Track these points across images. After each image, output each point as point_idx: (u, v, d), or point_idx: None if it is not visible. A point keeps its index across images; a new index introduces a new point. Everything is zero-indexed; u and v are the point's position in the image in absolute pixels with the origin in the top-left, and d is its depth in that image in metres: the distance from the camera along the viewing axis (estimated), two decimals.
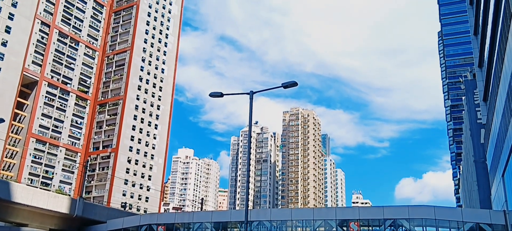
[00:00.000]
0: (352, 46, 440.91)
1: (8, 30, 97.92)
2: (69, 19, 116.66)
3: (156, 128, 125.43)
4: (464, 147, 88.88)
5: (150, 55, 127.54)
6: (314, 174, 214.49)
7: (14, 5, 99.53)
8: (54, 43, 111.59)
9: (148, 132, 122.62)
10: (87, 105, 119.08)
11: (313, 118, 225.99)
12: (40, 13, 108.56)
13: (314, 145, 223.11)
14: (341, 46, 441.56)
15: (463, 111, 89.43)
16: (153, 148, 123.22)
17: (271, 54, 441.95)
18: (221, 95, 23.56)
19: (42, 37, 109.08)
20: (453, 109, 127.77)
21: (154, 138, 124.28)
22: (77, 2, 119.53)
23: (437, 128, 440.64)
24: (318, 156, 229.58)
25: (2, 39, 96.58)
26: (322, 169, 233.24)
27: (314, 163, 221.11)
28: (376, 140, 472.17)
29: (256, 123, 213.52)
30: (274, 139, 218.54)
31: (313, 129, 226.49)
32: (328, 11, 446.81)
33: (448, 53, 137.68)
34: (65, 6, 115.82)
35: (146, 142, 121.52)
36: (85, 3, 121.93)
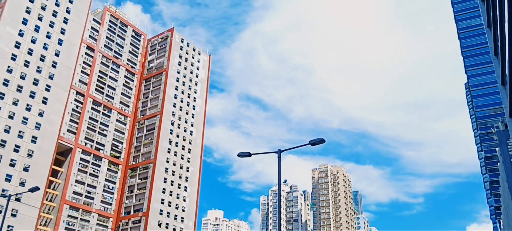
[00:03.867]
0: (378, 101, 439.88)
1: (45, 101, 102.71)
2: (103, 88, 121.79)
3: (185, 190, 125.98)
4: (502, 200, 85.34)
5: (179, 119, 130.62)
6: None
7: (51, 77, 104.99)
8: (88, 111, 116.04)
9: (177, 194, 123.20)
10: (119, 170, 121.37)
11: (343, 174, 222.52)
12: (75, 84, 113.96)
13: (345, 203, 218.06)
14: (366, 101, 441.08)
15: (498, 163, 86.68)
16: (183, 210, 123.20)
17: (296, 112, 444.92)
18: (249, 155, 23.71)
19: (77, 106, 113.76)
20: (487, 161, 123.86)
21: (184, 200, 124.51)
22: (110, 72, 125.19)
23: (472, 181, 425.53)
24: (351, 214, 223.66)
25: (39, 109, 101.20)
26: (355, 228, 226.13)
27: (346, 221, 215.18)
28: (409, 196, 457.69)
29: (285, 181, 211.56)
30: (304, 197, 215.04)
31: (344, 186, 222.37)
32: (350, 67, 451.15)
33: (477, 105, 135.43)
34: (99, 76, 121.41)
35: (176, 204, 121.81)
36: (118, 72, 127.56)
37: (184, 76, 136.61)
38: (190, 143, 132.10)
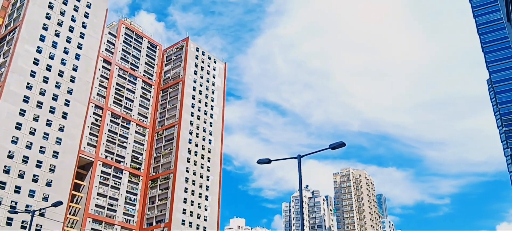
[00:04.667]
0: (398, 101, 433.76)
1: (64, 115, 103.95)
2: (121, 100, 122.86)
3: (206, 199, 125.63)
4: None
5: (197, 128, 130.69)
6: None
7: (69, 92, 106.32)
8: (107, 124, 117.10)
9: (199, 203, 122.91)
10: (139, 181, 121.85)
11: (366, 177, 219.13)
12: (94, 98, 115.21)
13: (369, 206, 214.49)
14: (386, 102, 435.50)
15: None
16: (205, 219, 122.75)
17: (315, 116, 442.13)
18: (268, 161, 23.52)
19: (96, 120, 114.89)
20: None
21: (205, 210, 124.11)
22: (127, 84, 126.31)
23: (499, 179, 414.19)
24: (375, 218, 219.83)
25: (59, 124, 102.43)
26: None
27: (371, 226, 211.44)
28: (435, 197, 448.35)
29: (307, 187, 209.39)
30: (327, 203, 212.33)
31: (367, 189, 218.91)
32: (368, 69, 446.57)
33: (501, 101, 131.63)
34: (116, 89, 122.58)
35: (198, 214, 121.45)
36: (135, 84, 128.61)
37: (201, 85, 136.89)
38: (209, 152, 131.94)
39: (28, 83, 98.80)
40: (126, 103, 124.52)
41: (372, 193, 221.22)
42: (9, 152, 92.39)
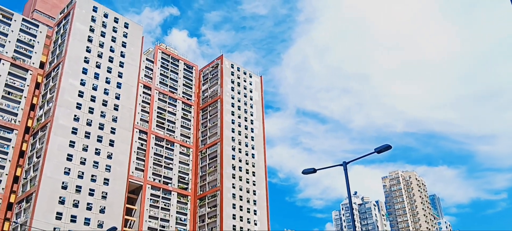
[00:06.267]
0: (441, 98, 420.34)
1: (111, 143, 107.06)
2: (163, 123, 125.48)
3: (255, 214, 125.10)
4: None
5: (239, 143, 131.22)
6: None
7: (114, 120, 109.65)
8: (152, 147, 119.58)
9: (248, 219, 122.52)
10: (188, 201, 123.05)
11: (416, 179, 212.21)
12: (137, 123, 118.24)
13: (423, 208, 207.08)
14: (430, 99, 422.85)
15: None
16: None
17: (356, 121, 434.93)
18: (314, 171, 23.55)
19: (141, 144, 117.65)
20: None
21: (255, 224, 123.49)
22: (168, 107, 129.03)
23: None
24: (430, 219, 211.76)
25: (108, 152, 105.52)
26: None
27: (427, 228, 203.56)
28: (491, 193, 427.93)
29: (355, 193, 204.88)
30: (378, 208, 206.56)
31: (419, 191, 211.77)
32: (406, 67, 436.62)
33: None
34: (158, 112, 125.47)
35: (248, 229, 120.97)
36: (175, 106, 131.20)
37: (239, 101, 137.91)
38: (253, 166, 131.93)
39: (75, 115, 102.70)
40: (169, 125, 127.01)
41: (424, 194, 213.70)
42: (63, 183, 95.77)
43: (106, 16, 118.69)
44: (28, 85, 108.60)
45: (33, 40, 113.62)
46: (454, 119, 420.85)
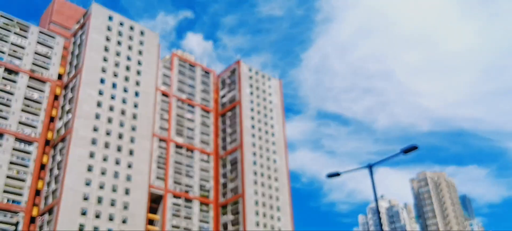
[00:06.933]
0: (468, 94, 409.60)
1: (131, 152, 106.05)
2: (182, 131, 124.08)
3: (279, 220, 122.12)
4: None
5: (260, 148, 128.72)
6: None
7: (133, 128, 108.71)
8: (172, 155, 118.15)
9: (272, 225, 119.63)
10: (210, 209, 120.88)
11: (445, 179, 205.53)
12: (156, 131, 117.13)
13: (454, 210, 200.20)
14: (456, 96, 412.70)
15: None
16: None
17: (380, 121, 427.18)
18: (338, 174, 23.14)
19: (161, 153, 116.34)
20: None
21: None
22: (187, 114, 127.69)
23: None
24: (461, 221, 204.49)
25: (128, 161, 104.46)
26: None
27: (458, 230, 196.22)
28: None
29: (382, 196, 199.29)
30: (406, 210, 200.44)
31: (448, 192, 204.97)
32: (430, 63, 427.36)
33: None
34: (177, 119, 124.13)
35: None
36: (193, 113, 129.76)
37: (258, 105, 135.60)
38: (275, 171, 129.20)
39: (94, 126, 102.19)
40: (188, 132, 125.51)
41: (454, 195, 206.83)
42: (84, 194, 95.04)
43: (121, 24, 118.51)
44: (47, 97, 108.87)
45: (51, 52, 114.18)
46: (482, 115, 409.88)
